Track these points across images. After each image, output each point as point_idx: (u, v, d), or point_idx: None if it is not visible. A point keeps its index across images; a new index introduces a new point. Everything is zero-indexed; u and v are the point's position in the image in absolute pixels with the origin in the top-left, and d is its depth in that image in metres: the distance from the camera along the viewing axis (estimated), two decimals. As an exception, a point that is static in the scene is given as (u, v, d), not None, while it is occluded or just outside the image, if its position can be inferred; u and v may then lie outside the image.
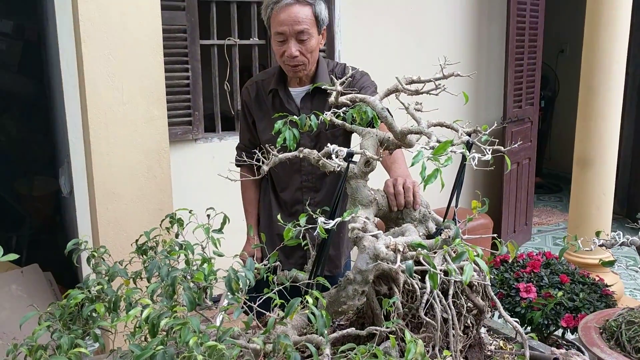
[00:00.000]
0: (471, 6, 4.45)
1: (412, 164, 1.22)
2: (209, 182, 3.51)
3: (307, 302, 1.11)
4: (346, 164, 1.46)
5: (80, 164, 3.10)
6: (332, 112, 1.64)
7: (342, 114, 1.65)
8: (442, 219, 1.73)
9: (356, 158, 1.48)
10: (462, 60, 4.51)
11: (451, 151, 1.35)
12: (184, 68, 3.37)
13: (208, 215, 1.66)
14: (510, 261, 2.75)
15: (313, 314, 1.12)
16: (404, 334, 1.40)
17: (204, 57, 3.52)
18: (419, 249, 1.16)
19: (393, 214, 1.60)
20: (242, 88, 2.17)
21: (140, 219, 2.07)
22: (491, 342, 1.81)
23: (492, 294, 1.65)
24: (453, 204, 1.60)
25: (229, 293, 1.26)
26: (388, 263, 1.32)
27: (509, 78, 4.36)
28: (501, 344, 1.83)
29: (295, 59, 1.95)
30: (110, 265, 1.54)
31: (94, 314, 1.44)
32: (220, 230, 1.59)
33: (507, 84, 4.30)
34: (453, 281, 1.52)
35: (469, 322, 1.62)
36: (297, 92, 2.09)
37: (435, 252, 1.34)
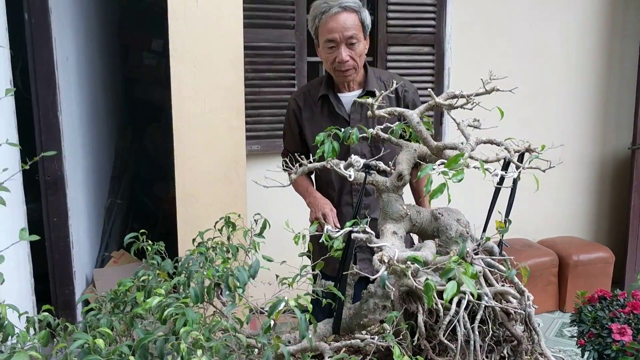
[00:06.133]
0: (602, 22, 4.12)
1: (417, 178, 1.19)
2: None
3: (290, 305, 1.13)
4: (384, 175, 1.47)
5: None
6: (383, 127, 1.66)
7: (393, 128, 1.66)
8: (498, 243, 1.66)
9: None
10: (590, 80, 4.18)
11: (474, 167, 1.30)
12: (291, 84, 3.53)
13: (256, 221, 1.75)
14: (610, 299, 2.49)
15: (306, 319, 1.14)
16: (411, 352, 1.36)
17: (313, 74, 3.66)
18: (413, 262, 1.13)
19: (429, 232, 1.56)
20: (289, 98, 2.26)
21: (214, 222, 2.21)
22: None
23: (535, 324, 1.54)
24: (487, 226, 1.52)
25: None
26: (393, 276, 1.30)
27: (643, 99, 3.95)
28: (561, 384, 1.69)
29: (346, 63, 2.06)
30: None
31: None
32: (260, 235, 1.67)
33: (639, 106, 3.90)
34: (483, 306, 1.45)
35: (505, 352, 1.53)
36: (347, 97, 2.15)
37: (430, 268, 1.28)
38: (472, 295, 1.20)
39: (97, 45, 4.45)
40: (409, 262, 1.13)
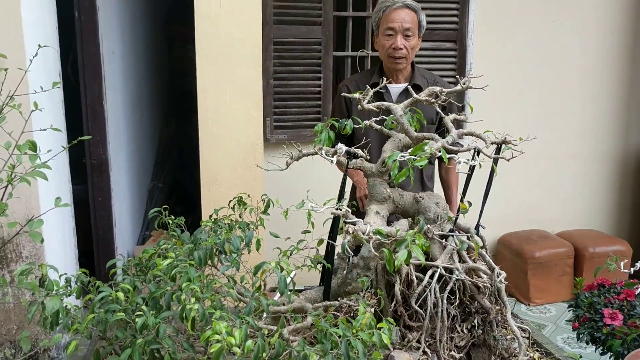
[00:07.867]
0: (625, 17, 4.14)
1: (385, 164, 1.38)
2: (329, 179, 3.83)
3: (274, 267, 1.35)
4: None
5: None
6: (379, 119, 1.86)
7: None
8: (475, 225, 1.83)
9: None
10: (612, 75, 4.21)
11: (439, 155, 1.48)
12: (317, 77, 3.74)
13: (263, 200, 1.98)
14: (608, 287, 2.61)
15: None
16: (381, 311, 1.57)
17: (339, 69, 3.86)
18: (376, 235, 1.33)
19: (411, 213, 1.75)
20: (340, 85, 2.50)
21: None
22: (527, 354, 1.83)
23: (505, 298, 1.71)
24: (453, 213, 1.69)
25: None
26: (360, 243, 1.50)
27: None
28: (535, 357, 1.86)
29: (400, 51, 2.37)
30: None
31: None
32: (265, 212, 1.90)
33: (662, 102, 3.93)
34: (454, 279, 1.64)
35: (475, 322, 1.71)
36: (394, 88, 2.44)
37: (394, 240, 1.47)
38: (420, 261, 1.39)
39: (143, 39, 4.76)
40: (371, 234, 1.33)
